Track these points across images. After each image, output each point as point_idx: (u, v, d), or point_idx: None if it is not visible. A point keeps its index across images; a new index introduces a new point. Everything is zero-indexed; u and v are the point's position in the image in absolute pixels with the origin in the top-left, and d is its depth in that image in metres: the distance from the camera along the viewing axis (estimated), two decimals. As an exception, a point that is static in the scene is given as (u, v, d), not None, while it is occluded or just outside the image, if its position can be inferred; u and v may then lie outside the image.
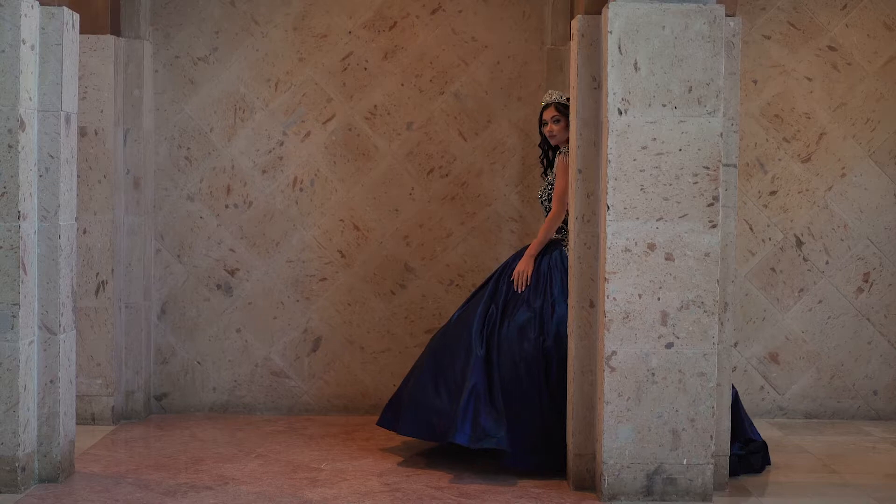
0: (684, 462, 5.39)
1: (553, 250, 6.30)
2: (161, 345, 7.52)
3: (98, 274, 6.98)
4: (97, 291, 6.98)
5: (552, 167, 6.45)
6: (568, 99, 6.40)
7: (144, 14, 7.30)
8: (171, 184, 7.49)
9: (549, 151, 6.53)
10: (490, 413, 5.96)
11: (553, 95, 6.43)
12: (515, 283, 6.26)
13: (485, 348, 6.12)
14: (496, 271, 6.45)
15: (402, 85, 7.50)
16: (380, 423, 6.46)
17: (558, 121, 6.37)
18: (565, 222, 6.30)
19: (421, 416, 6.19)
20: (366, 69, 7.50)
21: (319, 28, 7.50)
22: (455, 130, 7.50)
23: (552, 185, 6.38)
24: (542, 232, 6.33)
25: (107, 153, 6.96)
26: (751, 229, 7.39)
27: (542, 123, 6.46)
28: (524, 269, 6.27)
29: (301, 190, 7.52)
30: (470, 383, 6.02)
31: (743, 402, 7.16)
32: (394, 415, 6.37)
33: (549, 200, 6.39)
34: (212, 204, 7.51)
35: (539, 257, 6.29)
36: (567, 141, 6.39)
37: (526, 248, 6.41)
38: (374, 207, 7.50)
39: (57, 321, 5.64)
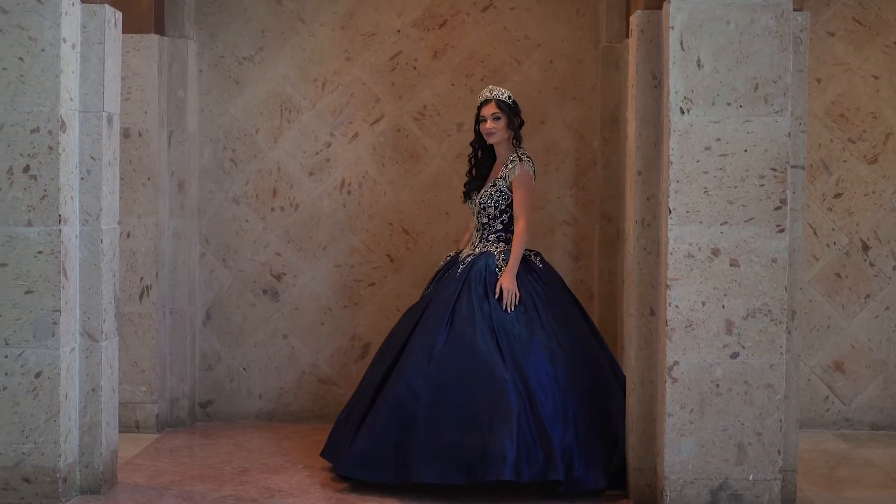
0: (750, 477, 5.15)
1: (481, 260, 6.09)
2: (206, 351, 7.37)
3: (142, 279, 6.83)
4: (141, 296, 6.83)
5: (481, 168, 6.25)
6: (509, 96, 6.21)
7: (189, 13, 7.15)
8: (215, 186, 7.33)
9: (480, 151, 6.31)
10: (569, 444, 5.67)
11: (494, 91, 6.21)
12: (505, 302, 5.92)
13: (512, 372, 5.74)
14: (445, 291, 6.02)
15: (453, 85, 7.29)
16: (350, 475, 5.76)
17: (498, 118, 6.17)
18: (509, 229, 6.14)
19: (448, 458, 5.57)
20: (415, 68, 7.31)
21: (367, 26, 7.31)
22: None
23: (502, 191, 6.13)
24: (518, 247, 6.05)
25: (151, 155, 6.81)
26: (815, 233, 7.12)
27: (479, 120, 6.23)
28: (512, 287, 5.95)
29: (349, 192, 7.34)
30: (515, 410, 5.60)
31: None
32: (382, 464, 5.66)
33: (495, 207, 6.14)
34: (257, 207, 7.34)
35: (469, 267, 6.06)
36: (506, 140, 6.21)
37: (454, 257, 6.24)
38: (423, 210, 7.30)
39: (99, 328, 5.48)
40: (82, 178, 5.45)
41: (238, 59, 7.32)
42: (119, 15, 5.65)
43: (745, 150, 5.12)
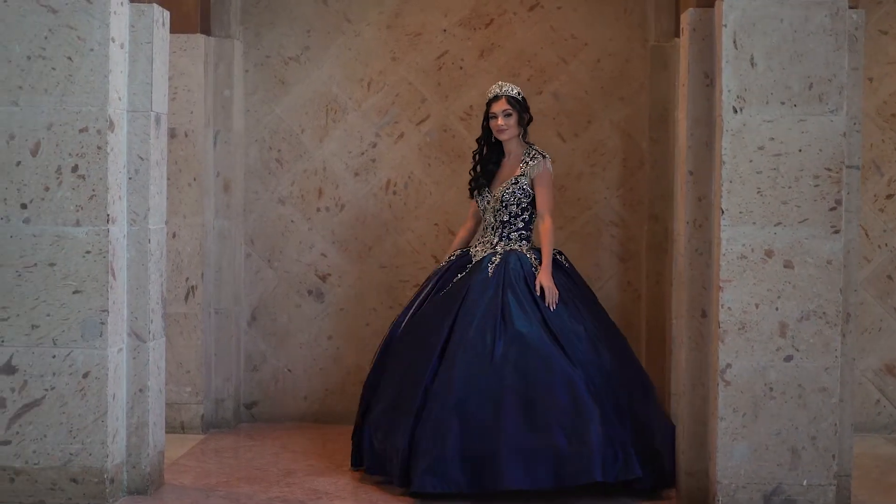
0: (804, 483, 5.07)
1: (511, 258, 6.01)
2: (251, 352, 7.35)
3: (188, 279, 6.82)
4: (186, 297, 6.82)
5: (487, 164, 6.19)
6: (519, 92, 6.16)
7: (235, 13, 7.14)
8: (261, 187, 7.32)
9: (485, 147, 6.25)
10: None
11: (503, 87, 6.15)
12: (548, 300, 5.84)
13: (580, 371, 5.70)
14: (483, 290, 5.89)
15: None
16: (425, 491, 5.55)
17: (509, 115, 6.11)
18: (529, 226, 6.12)
19: (536, 463, 5.48)
20: (461, 68, 7.26)
21: (413, 26, 7.27)
22: (553, 131, 7.22)
23: (524, 188, 6.08)
24: (550, 244, 6.02)
25: (197, 155, 6.80)
26: (866, 234, 7.02)
27: (489, 117, 6.17)
28: (552, 285, 5.89)
29: (394, 193, 7.30)
30: (596, 412, 5.55)
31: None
32: (453, 473, 5.50)
33: (517, 205, 6.09)
34: (303, 207, 7.32)
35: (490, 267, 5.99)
36: (516, 137, 6.16)
37: (463, 255, 6.18)
38: (468, 211, 7.24)
39: (146, 328, 5.47)
40: (130, 178, 5.43)
41: (284, 59, 7.30)
42: (167, 14, 5.63)
43: (800, 150, 5.04)
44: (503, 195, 6.11)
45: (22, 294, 5.23)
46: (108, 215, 5.23)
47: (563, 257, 6.18)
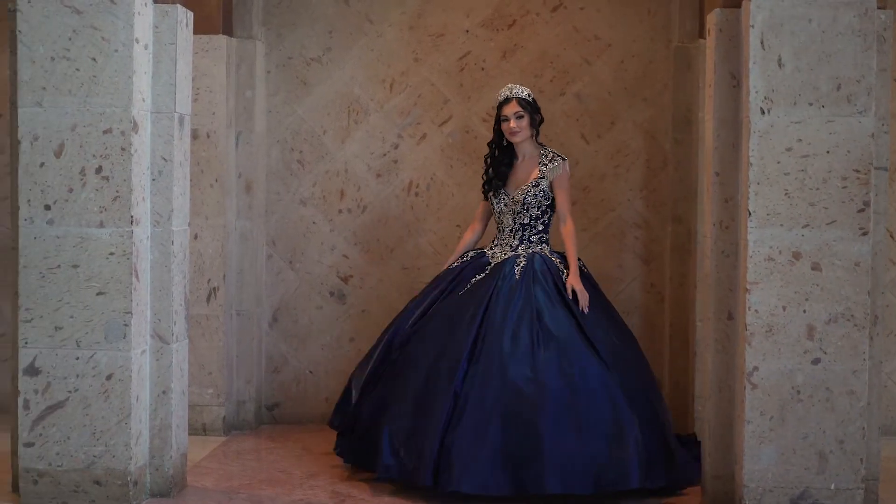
0: (832, 487, 5.03)
1: (536, 261, 5.98)
2: (272, 353, 7.33)
3: (209, 280, 6.80)
4: (208, 298, 6.81)
5: (499, 167, 6.16)
6: (529, 94, 6.14)
7: (257, 14, 7.12)
8: (283, 188, 7.30)
9: (496, 150, 6.22)
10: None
11: (514, 89, 6.13)
12: (581, 304, 5.84)
13: (616, 376, 5.70)
14: (509, 293, 5.85)
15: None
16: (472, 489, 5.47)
17: (521, 117, 6.09)
18: (547, 228, 6.13)
19: (577, 468, 5.45)
20: (483, 69, 7.23)
21: (436, 27, 7.25)
22: (577, 133, 7.19)
23: (545, 191, 6.07)
24: (575, 247, 6.05)
25: (219, 156, 6.78)
26: (891, 237, 6.97)
27: (500, 120, 6.14)
28: (582, 287, 5.89)
29: (416, 194, 7.28)
30: (634, 418, 5.54)
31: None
32: (483, 475, 5.44)
33: (538, 207, 6.07)
34: (325, 209, 7.30)
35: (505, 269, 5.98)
36: (529, 139, 6.13)
37: (479, 256, 6.16)
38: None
39: (170, 330, 5.45)
40: (154, 180, 5.42)
41: (306, 60, 7.28)
42: (190, 15, 5.61)
43: (828, 151, 5.00)
44: (525, 197, 6.08)
45: (45, 296, 5.22)
46: (131, 217, 5.22)
47: (581, 262, 6.16)
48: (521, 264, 5.95)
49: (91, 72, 5.19)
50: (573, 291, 5.87)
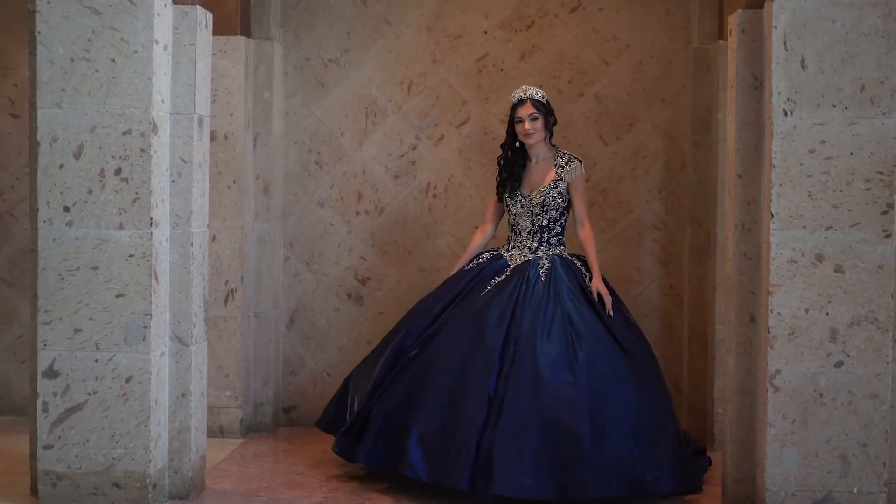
0: (855, 490, 5.00)
1: (556, 263, 5.96)
2: (290, 355, 7.31)
3: (227, 282, 6.79)
4: (226, 300, 6.79)
5: (512, 168, 6.13)
6: (543, 95, 6.12)
7: (275, 15, 7.11)
8: (300, 189, 7.28)
9: (509, 152, 6.19)
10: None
11: (528, 91, 6.10)
12: (608, 307, 5.82)
13: (646, 380, 5.73)
14: (535, 297, 5.81)
15: (540, 87, 7.13)
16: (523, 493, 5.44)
17: (536, 118, 6.07)
18: (564, 230, 6.11)
19: (617, 473, 5.44)
20: (502, 70, 7.21)
21: (454, 28, 7.23)
22: (595, 134, 7.17)
23: (562, 193, 6.05)
24: (594, 250, 6.05)
25: (237, 158, 6.76)
26: (912, 238, 6.92)
27: (514, 121, 6.11)
28: (606, 290, 5.89)
29: (434, 196, 7.25)
30: (668, 421, 5.60)
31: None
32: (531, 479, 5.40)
33: (556, 209, 6.05)
34: (342, 210, 7.28)
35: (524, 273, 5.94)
36: (543, 140, 6.11)
37: (495, 258, 6.11)
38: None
39: (189, 332, 5.43)
40: (173, 181, 5.40)
41: (323, 62, 7.26)
42: (210, 16, 5.60)
43: (851, 153, 4.97)
44: (544, 199, 6.05)
45: (64, 298, 5.21)
46: (151, 218, 5.20)
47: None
48: (545, 266, 5.92)
49: (110, 73, 5.17)
50: (598, 294, 5.85)
